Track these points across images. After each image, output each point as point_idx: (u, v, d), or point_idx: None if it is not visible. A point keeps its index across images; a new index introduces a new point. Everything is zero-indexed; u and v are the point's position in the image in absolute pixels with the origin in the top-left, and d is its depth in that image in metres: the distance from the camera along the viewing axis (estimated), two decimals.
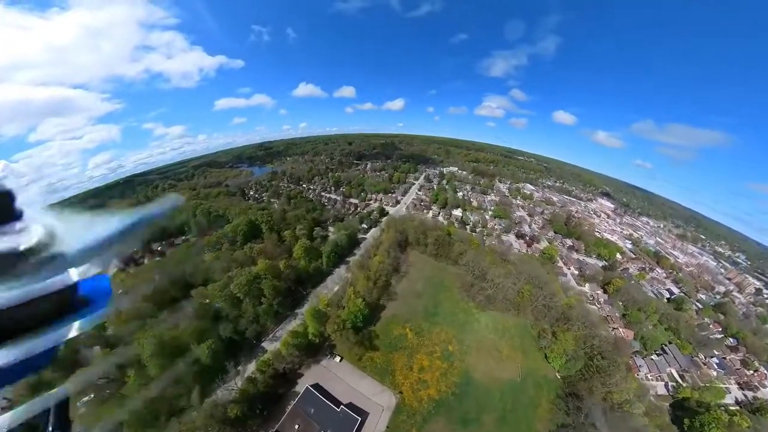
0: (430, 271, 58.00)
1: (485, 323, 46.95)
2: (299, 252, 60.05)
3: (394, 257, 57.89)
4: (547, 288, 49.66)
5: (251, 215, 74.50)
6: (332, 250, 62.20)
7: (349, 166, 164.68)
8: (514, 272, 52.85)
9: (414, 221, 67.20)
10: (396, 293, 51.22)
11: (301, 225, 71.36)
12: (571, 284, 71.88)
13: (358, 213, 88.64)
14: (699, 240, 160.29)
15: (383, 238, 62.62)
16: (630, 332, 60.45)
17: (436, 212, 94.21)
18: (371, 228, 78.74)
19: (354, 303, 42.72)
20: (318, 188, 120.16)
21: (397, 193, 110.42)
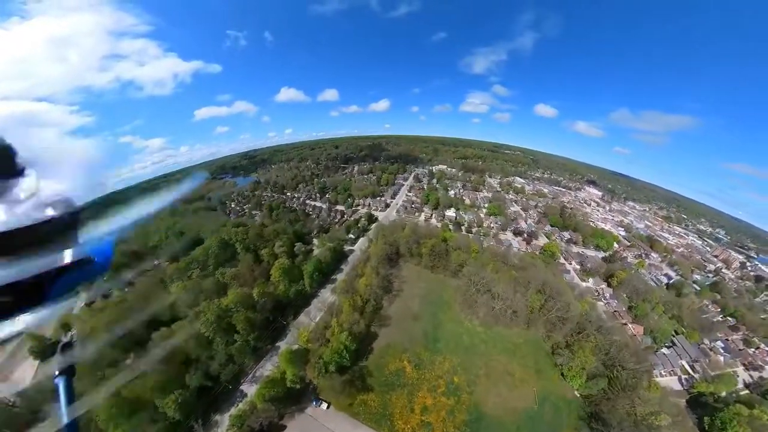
0: (426, 286, 50.45)
1: (493, 343, 40.09)
2: (277, 274, 51.44)
3: (383, 275, 49.84)
4: (557, 295, 43.19)
5: (224, 234, 65.00)
6: (315, 269, 53.84)
7: (336, 171, 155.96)
8: (520, 279, 46.21)
9: (405, 229, 59.32)
10: (389, 317, 43.57)
11: (281, 241, 62.60)
12: (576, 281, 66.93)
13: (344, 221, 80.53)
14: (682, 220, 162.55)
15: (371, 252, 54.60)
16: (639, 327, 56.30)
17: (429, 214, 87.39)
18: (359, 237, 70.79)
19: (337, 339, 34.89)
20: (303, 196, 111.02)
21: (386, 196, 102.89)
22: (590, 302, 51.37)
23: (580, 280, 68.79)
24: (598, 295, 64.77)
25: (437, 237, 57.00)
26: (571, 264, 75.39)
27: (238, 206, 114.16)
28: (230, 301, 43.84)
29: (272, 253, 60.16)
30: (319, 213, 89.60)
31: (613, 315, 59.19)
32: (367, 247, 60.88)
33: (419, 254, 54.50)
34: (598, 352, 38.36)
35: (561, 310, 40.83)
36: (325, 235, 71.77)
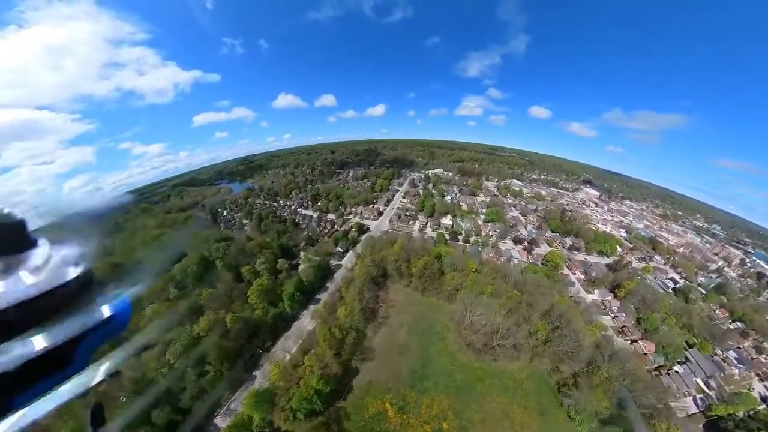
0: (416, 313, 44.33)
1: (490, 380, 34.28)
2: (254, 296, 46.23)
3: (369, 299, 43.83)
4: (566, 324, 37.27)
5: (204, 250, 59.96)
6: (296, 289, 48.47)
7: (331, 176, 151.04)
8: (523, 303, 40.38)
9: (395, 244, 53.28)
10: (372, 350, 37.87)
11: (263, 257, 57.39)
12: (581, 294, 61.28)
13: (334, 232, 75.25)
14: (678, 217, 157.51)
15: (355, 273, 48.96)
16: (650, 344, 50.71)
17: (424, 222, 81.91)
18: (348, 251, 65.39)
19: (307, 384, 29.55)
20: (294, 204, 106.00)
21: (379, 203, 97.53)
22: (601, 326, 45.47)
23: (585, 292, 63.21)
24: (605, 309, 59.32)
25: (430, 254, 50.91)
26: (575, 273, 69.80)
27: (230, 214, 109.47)
28: (202, 329, 38.98)
29: (253, 270, 55.06)
30: (308, 223, 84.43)
31: (622, 330, 53.93)
32: (353, 264, 55.33)
33: (409, 274, 48.69)
34: (610, 386, 32.93)
35: (569, 343, 35.05)
36: (312, 248, 66.55)
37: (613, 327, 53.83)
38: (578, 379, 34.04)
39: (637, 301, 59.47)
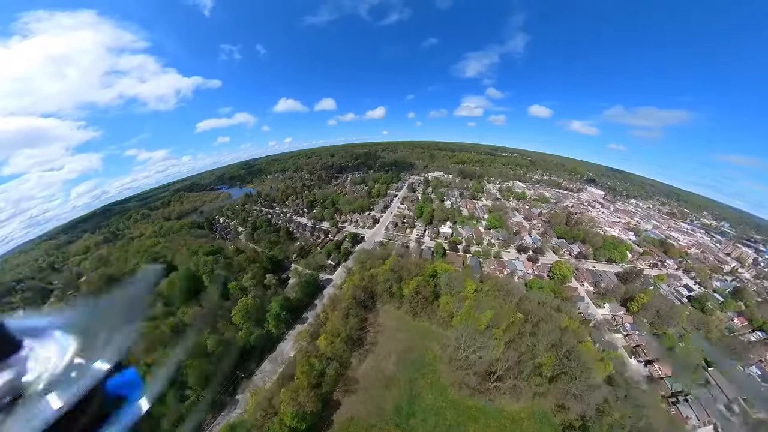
0: (406, 340, 39.37)
1: (486, 421, 29.32)
2: (238, 317, 42.31)
3: (353, 325, 39.16)
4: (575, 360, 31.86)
5: (193, 263, 56.15)
6: (281, 309, 44.29)
7: (329, 181, 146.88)
8: (526, 332, 35.14)
9: (386, 263, 47.75)
10: (356, 381, 33.39)
11: (252, 272, 53.33)
12: (591, 310, 55.80)
13: (327, 242, 70.85)
14: (686, 215, 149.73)
15: (342, 293, 44.23)
16: (667, 367, 44.94)
17: (422, 230, 77.04)
18: (339, 264, 60.84)
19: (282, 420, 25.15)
20: (290, 211, 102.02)
21: (376, 210, 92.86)
22: (616, 356, 40.00)
23: (594, 306, 57.67)
24: (617, 325, 53.74)
25: (424, 273, 45.56)
26: (584, 285, 64.14)
27: (226, 222, 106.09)
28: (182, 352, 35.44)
29: (239, 286, 51.04)
30: (302, 232, 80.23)
31: (635, 351, 48.38)
32: (343, 280, 50.68)
33: (401, 296, 43.73)
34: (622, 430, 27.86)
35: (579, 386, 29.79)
36: (303, 260, 62.29)
37: (625, 346, 48.34)
38: (587, 423, 28.93)
39: (651, 315, 54.04)
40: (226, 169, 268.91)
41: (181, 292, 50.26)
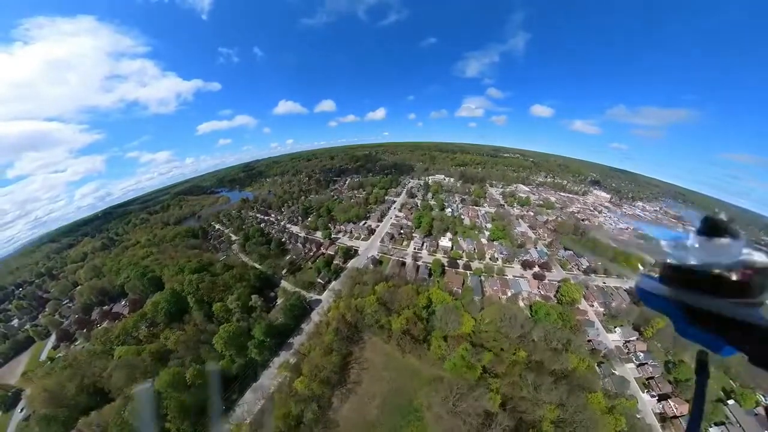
0: (392, 380, 34.96)
1: None
2: (220, 345, 38.88)
3: (337, 361, 35.23)
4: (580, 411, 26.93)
5: (177, 282, 52.73)
6: (266, 334, 40.73)
7: (327, 185, 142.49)
8: (530, 381, 30.23)
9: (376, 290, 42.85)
10: (336, 424, 29.50)
11: (237, 292, 49.62)
12: (601, 336, 50.50)
13: (319, 256, 66.67)
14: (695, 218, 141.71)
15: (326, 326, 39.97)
16: (682, 403, 39.26)
17: (419, 243, 72.19)
18: (330, 282, 56.59)
19: None
20: (284, 219, 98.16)
21: (372, 219, 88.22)
22: (630, 407, 34.94)
23: (605, 331, 52.33)
24: (629, 353, 48.41)
25: (416, 304, 40.58)
26: (593, 305, 58.58)
27: (220, 230, 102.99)
28: (162, 384, 32.59)
29: (224, 308, 47.47)
30: (294, 243, 76.22)
31: (648, 384, 43.05)
32: (329, 305, 46.38)
33: (389, 328, 39.04)
34: None
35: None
36: (293, 276, 58.32)
37: (637, 378, 42.98)
38: None
39: (666, 340, 48.51)
40: (227, 171, 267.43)
41: (166, 314, 47.19)
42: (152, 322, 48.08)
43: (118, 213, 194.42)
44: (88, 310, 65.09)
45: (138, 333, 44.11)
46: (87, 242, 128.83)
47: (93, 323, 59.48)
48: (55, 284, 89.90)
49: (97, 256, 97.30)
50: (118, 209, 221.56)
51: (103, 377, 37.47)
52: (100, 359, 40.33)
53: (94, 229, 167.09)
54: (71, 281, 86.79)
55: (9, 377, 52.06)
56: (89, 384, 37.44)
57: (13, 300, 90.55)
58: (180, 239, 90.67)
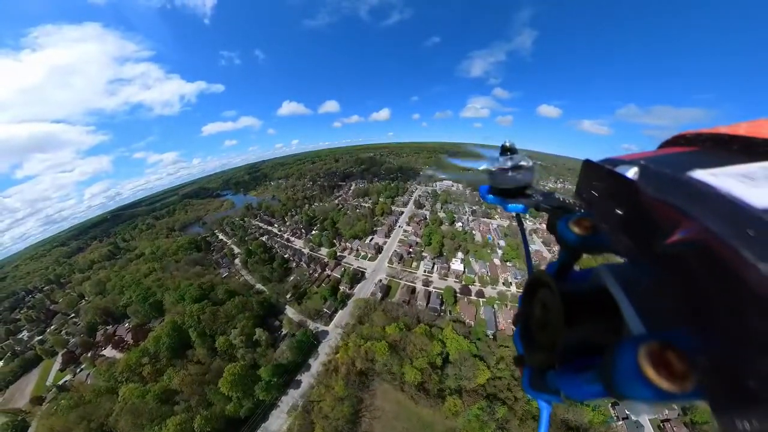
0: (405, 430, 32.22)
1: None
2: (226, 388, 36.61)
3: (348, 412, 32.67)
4: None
5: (177, 315, 50.21)
6: (274, 374, 38.40)
7: (332, 191, 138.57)
8: None
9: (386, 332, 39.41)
10: None
11: (240, 324, 46.95)
12: None
13: (324, 279, 63.48)
14: None
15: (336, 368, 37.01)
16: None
17: (430, 265, 68.23)
18: (336, 311, 53.50)
19: None
20: (288, 231, 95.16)
21: (379, 234, 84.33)
22: None
23: None
24: None
25: (430, 352, 36.72)
26: None
27: (223, 240, 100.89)
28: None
29: (228, 343, 44.99)
30: (298, 261, 73.18)
31: (663, 428, 38.90)
32: (336, 344, 43.33)
33: (401, 375, 36.06)
34: None
35: None
36: (298, 304, 55.38)
37: (651, 420, 39.03)
38: None
39: None
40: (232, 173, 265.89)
41: (168, 349, 45.00)
42: (155, 357, 45.86)
43: (127, 215, 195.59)
44: (93, 330, 64.14)
45: (141, 370, 42.06)
46: (95, 248, 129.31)
47: (97, 345, 58.40)
48: (62, 295, 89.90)
49: (103, 267, 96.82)
50: (127, 210, 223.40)
51: (109, 421, 35.88)
52: (106, 399, 38.67)
53: (102, 232, 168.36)
54: (77, 292, 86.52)
55: (19, 397, 52.07)
56: (96, 428, 35.94)
57: (23, 308, 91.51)
58: (182, 252, 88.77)
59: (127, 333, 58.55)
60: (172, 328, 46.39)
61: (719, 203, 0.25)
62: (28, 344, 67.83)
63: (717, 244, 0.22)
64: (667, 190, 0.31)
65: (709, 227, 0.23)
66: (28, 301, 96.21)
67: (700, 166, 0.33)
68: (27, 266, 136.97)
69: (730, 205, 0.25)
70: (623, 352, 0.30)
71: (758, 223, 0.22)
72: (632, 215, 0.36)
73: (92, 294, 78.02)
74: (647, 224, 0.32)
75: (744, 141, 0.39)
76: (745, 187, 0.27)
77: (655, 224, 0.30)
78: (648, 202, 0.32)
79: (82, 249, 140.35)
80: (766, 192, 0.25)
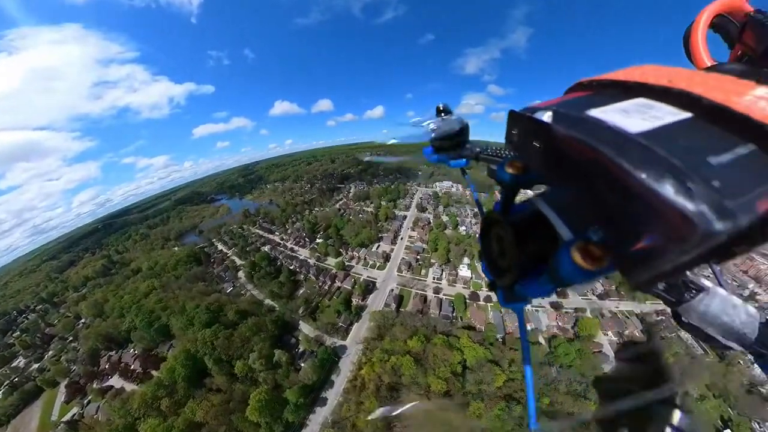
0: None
1: None
2: (254, 413, 36.23)
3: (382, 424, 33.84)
4: None
5: (189, 342, 48.17)
6: (300, 395, 38.44)
7: (331, 194, 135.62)
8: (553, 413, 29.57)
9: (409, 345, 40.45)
10: None
11: (257, 348, 45.91)
12: None
13: (335, 291, 62.89)
14: None
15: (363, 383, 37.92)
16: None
17: (438, 272, 68.69)
18: (352, 324, 53.40)
19: None
20: (291, 239, 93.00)
21: (385, 241, 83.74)
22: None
23: None
24: None
25: (451, 362, 38.39)
26: (607, 335, 56.93)
27: (223, 251, 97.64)
28: None
29: (247, 368, 44.10)
30: (306, 273, 71.96)
31: None
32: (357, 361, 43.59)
33: (427, 386, 37.37)
34: None
35: None
36: (313, 320, 54.81)
37: None
38: None
39: (676, 372, 47.64)
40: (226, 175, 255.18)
41: (184, 379, 43.27)
42: (171, 388, 43.98)
43: (119, 224, 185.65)
44: (95, 357, 61.20)
45: (159, 403, 40.51)
46: (87, 261, 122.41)
47: (103, 374, 55.96)
48: (57, 316, 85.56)
49: (98, 284, 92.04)
50: (118, 219, 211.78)
51: None
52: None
53: (94, 243, 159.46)
54: (73, 313, 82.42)
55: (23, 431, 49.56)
56: None
57: (15, 330, 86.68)
58: (182, 267, 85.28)
59: (133, 360, 55.96)
60: (185, 357, 44.80)
61: (608, 132, 0.40)
62: (25, 372, 64.51)
63: (608, 162, 0.35)
64: (572, 127, 0.44)
65: (602, 150, 0.36)
66: (20, 322, 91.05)
67: (594, 106, 0.48)
68: (16, 283, 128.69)
69: (615, 133, 0.39)
70: (561, 254, 0.46)
71: (632, 143, 0.36)
72: (549, 150, 0.49)
73: (90, 316, 74.34)
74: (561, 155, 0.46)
75: (622, 84, 0.55)
76: (622, 118, 0.42)
77: (566, 154, 0.44)
78: (560, 138, 0.45)
79: (74, 263, 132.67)
80: (637, 121, 0.41)
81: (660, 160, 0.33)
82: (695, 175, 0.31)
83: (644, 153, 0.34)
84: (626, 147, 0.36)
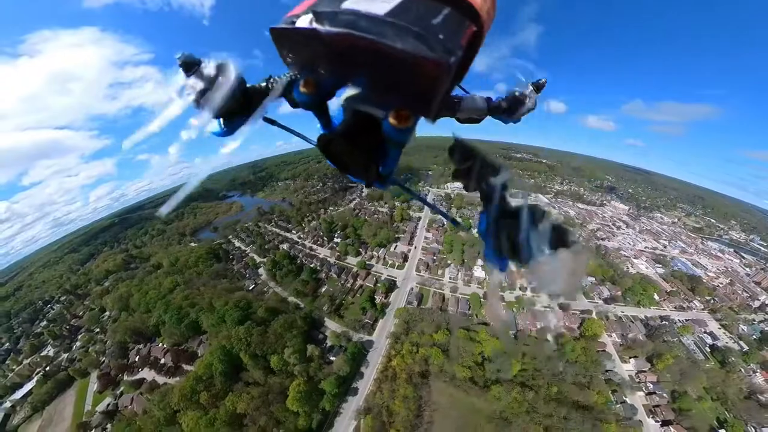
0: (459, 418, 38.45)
1: None
2: (294, 402, 38.37)
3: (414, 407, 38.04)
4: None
5: (224, 338, 49.64)
6: (335, 385, 41.30)
7: (344, 193, 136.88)
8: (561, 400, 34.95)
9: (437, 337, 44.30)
10: None
11: (290, 343, 47.76)
12: (617, 368, 51.16)
13: (359, 289, 64.70)
14: (713, 228, 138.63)
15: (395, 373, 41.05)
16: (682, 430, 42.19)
17: (455, 272, 70.48)
18: (377, 321, 55.33)
19: None
20: (308, 238, 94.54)
21: (402, 241, 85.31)
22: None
23: (621, 361, 53.34)
24: (639, 383, 50.10)
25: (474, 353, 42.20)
26: (611, 336, 58.88)
27: (240, 248, 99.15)
28: None
29: (282, 362, 45.98)
30: (327, 272, 73.68)
31: (654, 411, 45.46)
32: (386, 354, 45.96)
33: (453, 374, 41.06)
34: None
35: None
36: (338, 317, 56.69)
37: (644, 405, 45.86)
38: None
39: (675, 373, 49.74)
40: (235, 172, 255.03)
41: (221, 374, 44.98)
42: (209, 383, 45.43)
43: (135, 219, 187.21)
44: (124, 350, 62.27)
45: (198, 397, 42.25)
46: (107, 255, 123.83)
47: (133, 367, 56.90)
48: (82, 309, 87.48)
49: (120, 278, 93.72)
50: (133, 213, 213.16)
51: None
52: (168, 430, 39.13)
53: (112, 237, 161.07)
54: (98, 306, 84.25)
55: (58, 419, 50.62)
56: None
57: (42, 320, 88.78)
58: (202, 263, 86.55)
59: (163, 354, 56.77)
60: (222, 353, 46.35)
61: (365, 20, 0.52)
62: (54, 361, 66.13)
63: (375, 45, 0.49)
64: (336, 25, 0.51)
65: (362, 35, 0.48)
66: (46, 312, 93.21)
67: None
68: (41, 274, 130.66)
69: (370, 19, 0.53)
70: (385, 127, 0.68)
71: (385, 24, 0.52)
72: (325, 54, 0.56)
73: (115, 309, 75.92)
74: (337, 53, 0.53)
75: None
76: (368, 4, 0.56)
77: (339, 49, 0.52)
78: (329, 39, 0.53)
79: (94, 255, 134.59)
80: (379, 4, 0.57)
81: (406, 30, 0.51)
82: (429, 34, 0.52)
83: (394, 29, 0.50)
84: (383, 28, 0.51)
